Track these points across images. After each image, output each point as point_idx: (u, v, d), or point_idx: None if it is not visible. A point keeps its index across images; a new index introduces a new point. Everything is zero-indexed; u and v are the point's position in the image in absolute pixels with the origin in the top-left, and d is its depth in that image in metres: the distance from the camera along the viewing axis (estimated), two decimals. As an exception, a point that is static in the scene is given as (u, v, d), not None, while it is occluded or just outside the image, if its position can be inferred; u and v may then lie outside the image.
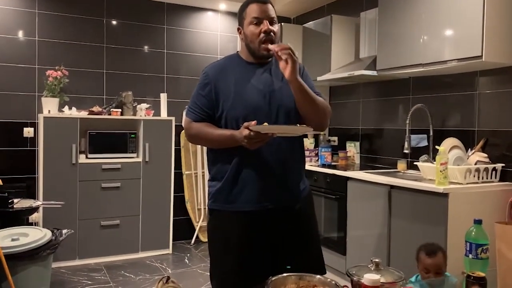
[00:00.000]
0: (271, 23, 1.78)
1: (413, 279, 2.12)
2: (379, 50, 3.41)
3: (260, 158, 1.75)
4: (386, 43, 3.34)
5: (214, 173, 1.86)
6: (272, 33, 1.77)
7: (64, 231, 3.07)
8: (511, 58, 2.74)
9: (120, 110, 4.13)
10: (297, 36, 4.45)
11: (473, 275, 1.24)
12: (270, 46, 1.69)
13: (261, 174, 1.77)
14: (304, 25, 4.44)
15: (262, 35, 1.76)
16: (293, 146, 1.85)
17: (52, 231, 2.98)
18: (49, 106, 3.89)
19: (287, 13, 5.03)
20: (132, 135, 4.17)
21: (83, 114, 3.99)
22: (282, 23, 4.45)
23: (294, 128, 1.68)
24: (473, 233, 1.39)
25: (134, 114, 4.24)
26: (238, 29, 1.86)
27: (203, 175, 4.73)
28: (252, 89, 1.78)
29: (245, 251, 1.76)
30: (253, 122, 1.60)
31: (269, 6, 1.80)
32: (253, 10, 1.78)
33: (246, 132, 1.60)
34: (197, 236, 4.69)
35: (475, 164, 2.79)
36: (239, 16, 1.85)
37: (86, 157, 4.01)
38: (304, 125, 1.68)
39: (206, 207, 2.95)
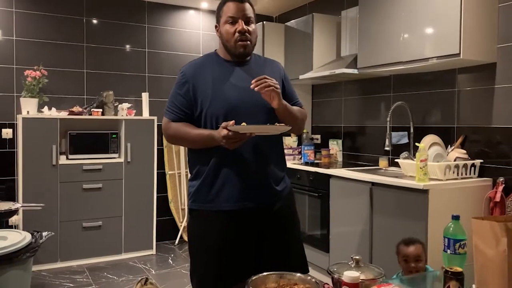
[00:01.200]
0: (248, 22, 1.77)
1: (394, 277, 2.14)
2: (360, 48, 3.44)
3: (238, 157, 1.74)
4: (366, 41, 3.36)
5: (194, 173, 1.84)
6: (247, 33, 1.76)
7: (45, 233, 3.01)
8: (488, 56, 2.79)
9: (101, 110, 4.07)
10: (279, 34, 4.45)
11: (451, 270, 1.25)
12: (252, 86, 1.65)
13: (239, 173, 1.76)
14: (286, 23, 4.45)
15: (237, 34, 1.75)
16: (272, 144, 1.85)
17: (32, 234, 2.93)
18: (28, 107, 3.82)
19: (269, 12, 5.03)
20: (113, 135, 4.12)
21: (63, 114, 3.92)
22: (264, 22, 4.45)
23: (272, 128, 1.68)
24: (451, 229, 1.40)
25: (116, 114, 4.19)
26: (216, 26, 1.85)
27: (186, 175, 4.71)
28: (231, 87, 1.77)
29: (226, 250, 1.75)
30: (231, 122, 1.59)
31: (246, 5, 1.78)
32: (229, 9, 1.77)
33: (224, 132, 1.59)
34: (181, 236, 4.67)
35: (455, 160, 2.83)
36: (217, 14, 1.84)
37: (67, 158, 3.95)
38: (283, 124, 1.69)
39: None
